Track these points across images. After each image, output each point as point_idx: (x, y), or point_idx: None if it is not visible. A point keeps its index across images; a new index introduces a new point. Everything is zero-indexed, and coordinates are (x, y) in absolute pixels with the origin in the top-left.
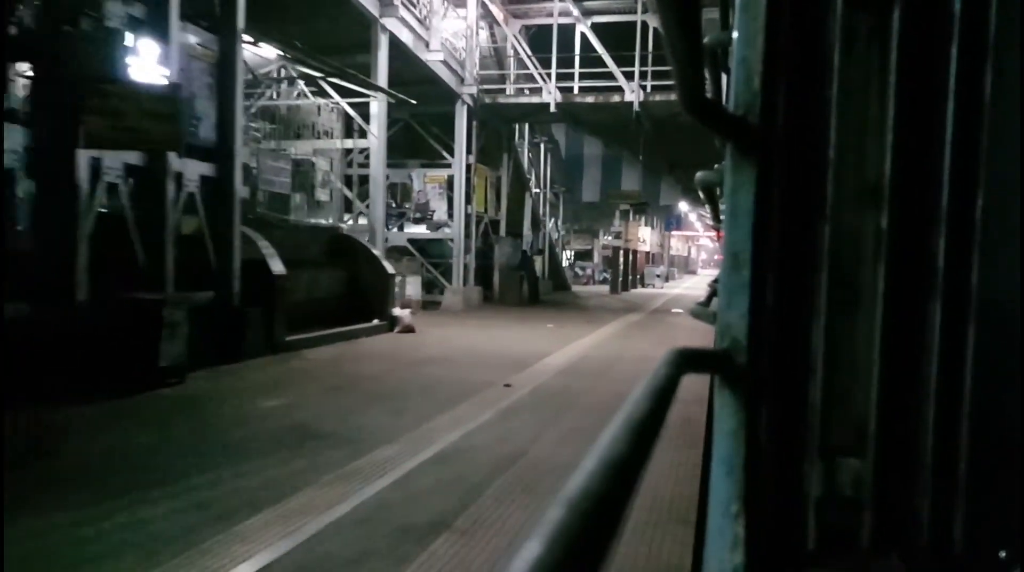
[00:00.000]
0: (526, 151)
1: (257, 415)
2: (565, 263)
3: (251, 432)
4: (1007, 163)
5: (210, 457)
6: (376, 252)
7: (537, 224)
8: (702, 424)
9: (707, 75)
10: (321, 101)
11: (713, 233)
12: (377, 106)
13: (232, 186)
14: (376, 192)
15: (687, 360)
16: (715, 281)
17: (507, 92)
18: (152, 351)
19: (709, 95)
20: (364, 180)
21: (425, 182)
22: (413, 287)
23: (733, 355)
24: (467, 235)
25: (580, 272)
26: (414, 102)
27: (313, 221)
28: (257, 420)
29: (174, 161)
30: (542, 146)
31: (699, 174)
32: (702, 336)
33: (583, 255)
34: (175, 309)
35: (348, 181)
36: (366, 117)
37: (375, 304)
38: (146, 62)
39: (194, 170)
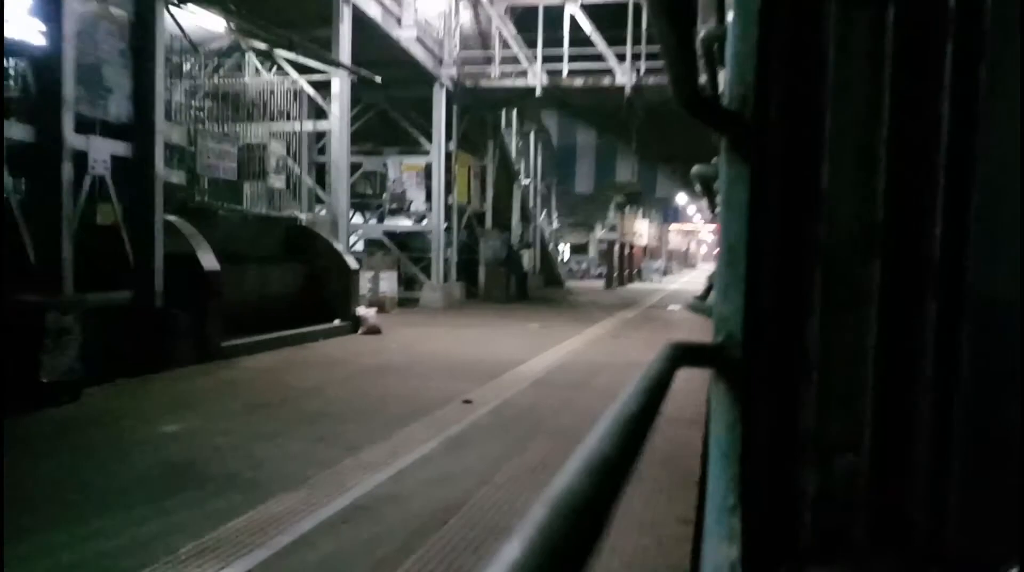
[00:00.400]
0: (514, 140)
1: (146, 446)
2: (559, 257)
3: (124, 472)
4: (1003, 158)
5: (45, 511)
6: (338, 246)
7: (527, 217)
8: (693, 454)
9: (703, 69)
10: (275, 78)
11: (712, 226)
12: (339, 84)
13: (152, 168)
14: (338, 180)
15: (682, 354)
16: (713, 275)
17: (492, 75)
18: (32, 364)
19: (705, 90)
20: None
21: (401, 170)
22: (388, 283)
23: (728, 349)
24: (448, 227)
25: (575, 267)
26: (378, 79)
27: (267, 212)
28: (142, 453)
29: (74, 138)
30: (532, 135)
31: (695, 168)
32: (700, 336)
33: (579, 249)
34: (62, 313)
35: (320, 169)
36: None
37: (336, 303)
38: (10, 13)
39: (103, 149)
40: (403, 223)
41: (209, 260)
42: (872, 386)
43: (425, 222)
